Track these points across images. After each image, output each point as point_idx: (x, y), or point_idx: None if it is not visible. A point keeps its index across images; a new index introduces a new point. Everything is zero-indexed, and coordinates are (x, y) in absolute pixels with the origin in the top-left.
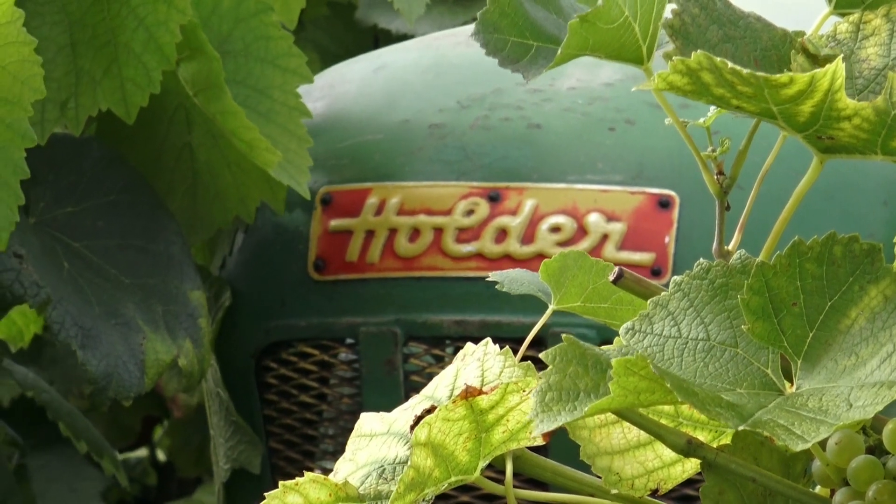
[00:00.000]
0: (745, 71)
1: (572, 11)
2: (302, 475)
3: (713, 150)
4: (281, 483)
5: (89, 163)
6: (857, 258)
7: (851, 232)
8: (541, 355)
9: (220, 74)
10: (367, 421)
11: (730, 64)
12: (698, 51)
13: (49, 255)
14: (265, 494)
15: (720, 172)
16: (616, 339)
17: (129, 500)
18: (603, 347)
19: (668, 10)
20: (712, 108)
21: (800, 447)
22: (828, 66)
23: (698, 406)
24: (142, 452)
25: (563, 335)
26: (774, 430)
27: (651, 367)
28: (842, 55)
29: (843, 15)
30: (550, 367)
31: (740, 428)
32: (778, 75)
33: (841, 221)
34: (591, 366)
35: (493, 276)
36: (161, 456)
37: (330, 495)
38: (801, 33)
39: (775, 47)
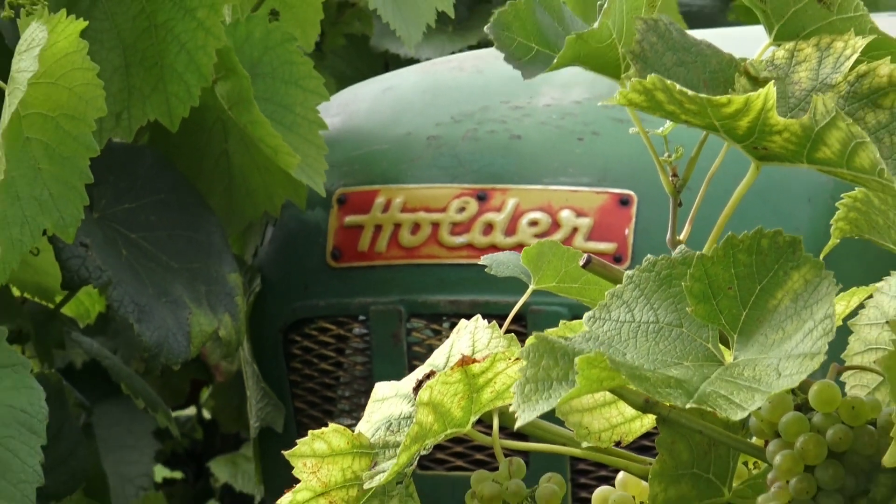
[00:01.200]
0: (691, 93)
1: (571, 22)
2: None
3: (669, 156)
4: (310, 432)
5: (143, 167)
6: (781, 248)
7: (782, 226)
8: (517, 353)
9: (250, 91)
10: (381, 388)
11: (678, 86)
12: (653, 74)
13: (110, 244)
14: (296, 441)
15: (674, 175)
16: (575, 336)
17: (180, 453)
18: (572, 324)
19: (633, 40)
20: (668, 121)
21: (739, 416)
22: (760, 90)
23: (650, 390)
24: (190, 411)
25: (534, 334)
26: (717, 402)
27: (608, 362)
28: (774, 80)
29: (780, 44)
30: (526, 362)
31: (688, 406)
32: (718, 97)
33: (773, 218)
34: (560, 357)
35: (483, 259)
36: (207, 414)
37: (348, 443)
38: (745, 59)
39: (722, 70)
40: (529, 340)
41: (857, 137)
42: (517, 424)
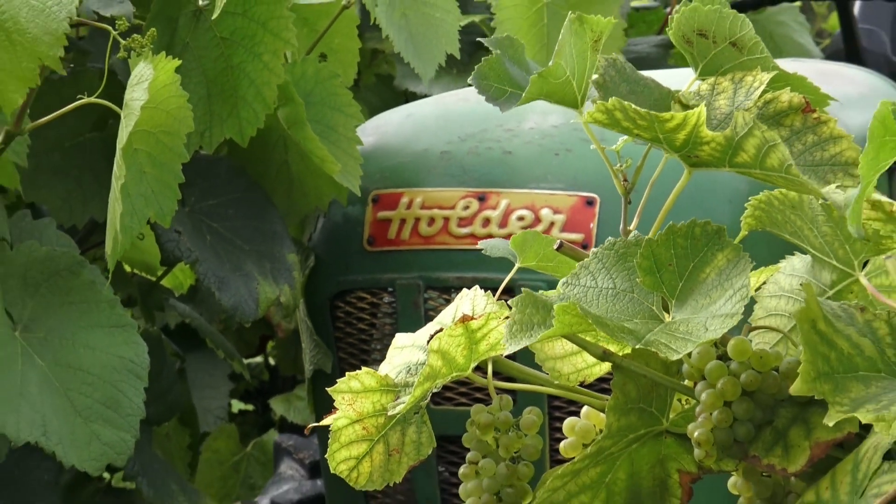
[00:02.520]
0: (643, 111)
1: (534, 69)
2: None
3: (621, 166)
4: (347, 373)
5: (222, 173)
6: (710, 235)
7: (707, 220)
8: (509, 302)
9: (304, 116)
10: (400, 338)
11: (633, 106)
12: (613, 97)
13: (197, 231)
14: (337, 381)
15: (625, 180)
16: (557, 288)
17: (251, 390)
18: (548, 293)
19: (596, 73)
20: (621, 139)
21: (675, 357)
22: (695, 108)
23: (609, 333)
24: (259, 359)
25: (523, 289)
26: (658, 346)
27: (579, 309)
28: (704, 104)
29: (704, 79)
30: (515, 309)
31: (637, 346)
32: (663, 114)
33: (701, 214)
34: (541, 308)
35: (480, 244)
36: (271, 361)
37: (377, 383)
38: (678, 91)
39: (662, 99)
40: (518, 296)
41: (770, 141)
42: (504, 353)
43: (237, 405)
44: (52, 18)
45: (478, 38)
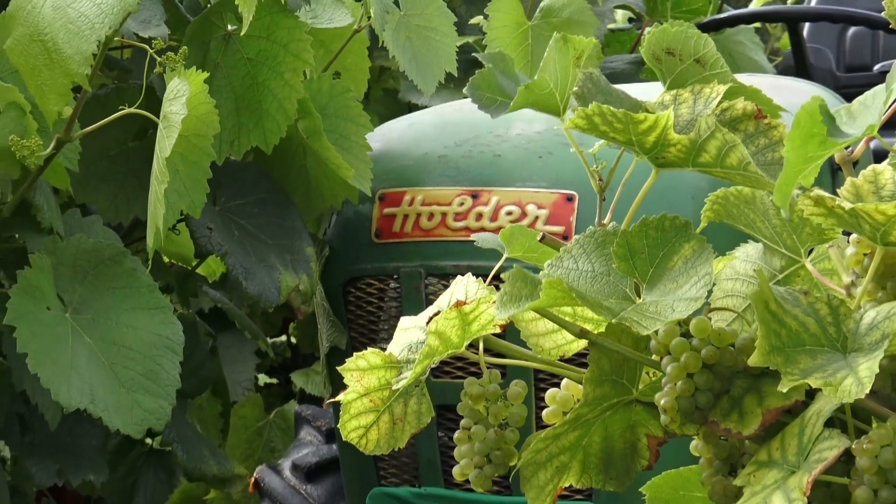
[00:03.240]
0: (619, 112)
1: (522, 81)
2: None
3: (597, 167)
4: (354, 353)
5: (249, 176)
6: (678, 228)
7: (676, 214)
8: (502, 275)
9: (321, 127)
10: (404, 321)
11: (611, 108)
12: (593, 103)
13: (227, 227)
14: (346, 360)
15: (600, 179)
16: (541, 272)
17: (275, 366)
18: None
19: (576, 85)
20: (596, 143)
21: (644, 332)
22: (666, 111)
23: (589, 306)
24: (282, 338)
25: (515, 265)
26: (631, 322)
27: (564, 284)
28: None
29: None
30: (507, 282)
31: (613, 320)
32: (638, 115)
33: (667, 208)
34: (529, 283)
35: (473, 237)
36: (293, 340)
37: (382, 360)
38: (646, 102)
39: (632, 109)
40: (510, 271)
41: (731, 142)
42: (497, 318)
43: (263, 379)
44: (84, 40)
45: (473, 54)
